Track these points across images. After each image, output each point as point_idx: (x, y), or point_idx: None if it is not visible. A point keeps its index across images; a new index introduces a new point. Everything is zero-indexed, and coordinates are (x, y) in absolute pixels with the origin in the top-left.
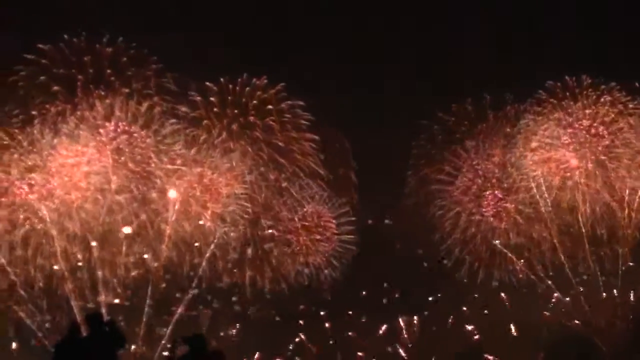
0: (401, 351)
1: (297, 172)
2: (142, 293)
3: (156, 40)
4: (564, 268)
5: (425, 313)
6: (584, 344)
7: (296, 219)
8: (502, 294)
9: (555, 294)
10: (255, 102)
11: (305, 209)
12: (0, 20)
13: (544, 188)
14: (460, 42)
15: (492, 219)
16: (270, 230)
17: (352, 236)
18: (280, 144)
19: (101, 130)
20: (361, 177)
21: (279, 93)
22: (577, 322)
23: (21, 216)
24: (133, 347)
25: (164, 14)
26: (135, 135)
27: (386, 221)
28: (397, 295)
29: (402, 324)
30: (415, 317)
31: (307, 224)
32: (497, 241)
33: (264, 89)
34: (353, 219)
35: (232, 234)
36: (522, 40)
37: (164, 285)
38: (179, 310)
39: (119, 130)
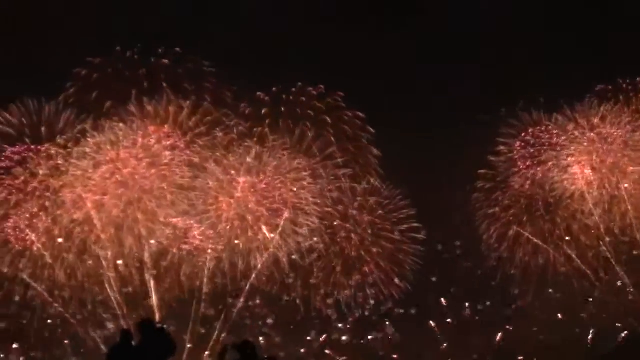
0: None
1: (354, 181)
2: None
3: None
4: (618, 274)
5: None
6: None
7: (350, 227)
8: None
9: (609, 299)
10: (310, 112)
11: (360, 220)
12: (49, 35)
13: (595, 194)
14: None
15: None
16: (315, 240)
17: (415, 247)
18: (337, 156)
19: (153, 140)
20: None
21: (336, 102)
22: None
23: (77, 229)
24: (188, 345)
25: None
26: (191, 146)
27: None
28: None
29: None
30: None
31: (362, 234)
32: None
33: (319, 99)
34: (417, 223)
35: (286, 246)
36: (568, 42)
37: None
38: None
39: (175, 141)
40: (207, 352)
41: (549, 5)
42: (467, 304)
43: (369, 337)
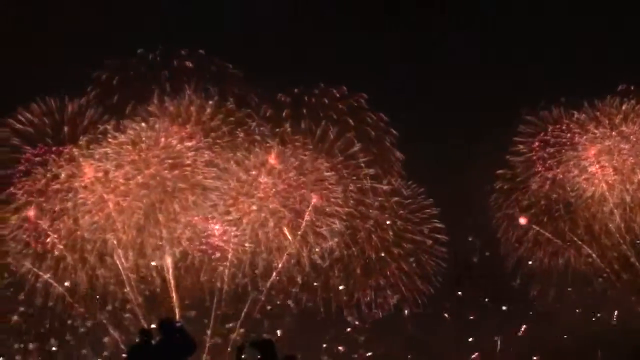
0: None
1: (376, 182)
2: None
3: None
4: (638, 273)
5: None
6: None
7: (371, 227)
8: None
9: (629, 299)
10: (333, 114)
11: (381, 221)
12: (69, 34)
13: (617, 194)
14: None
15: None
16: (332, 243)
17: (438, 248)
18: (359, 157)
19: (175, 140)
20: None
21: (359, 104)
22: None
23: (99, 230)
24: (208, 345)
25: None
26: (213, 147)
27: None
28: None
29: None
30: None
31: (383, 234)
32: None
33: (341, 100)
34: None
35: (307, 247)
36: (593, 41)
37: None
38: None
39: (197, 142)
40: (228, 349)
41: (574, 3)
42: (486, 300)
43: (388, 336)
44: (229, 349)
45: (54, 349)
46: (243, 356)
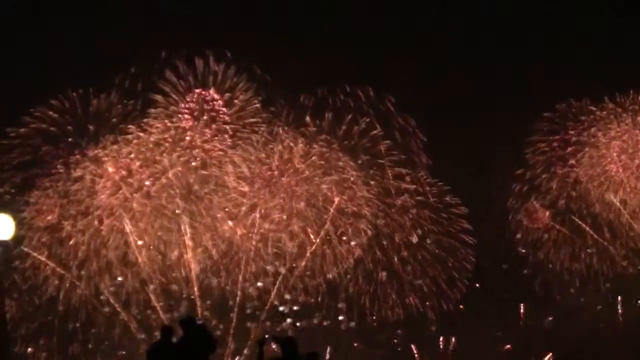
0: None
1: (400, 182)
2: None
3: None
4: None
5: None
6: None
7: (395, 229)
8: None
9: None
10: (358, 115)
11: (404, 222)
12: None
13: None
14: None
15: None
16: (359, 241)
17: (468, 251)
18: (384, 157)
19: (199, 141)
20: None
21: (386, 106)
22: None
23: (122, 232)
24: (231, 345)
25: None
26: (237, 147)
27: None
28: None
29: None
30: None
31: (407, 236)
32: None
33: (367, 101)
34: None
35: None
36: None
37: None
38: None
39: (221, 142)
40: (249, 344)
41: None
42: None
43: (411, 335)
44: (249, 344)
45: (76, 351)
46: (264, 346)
